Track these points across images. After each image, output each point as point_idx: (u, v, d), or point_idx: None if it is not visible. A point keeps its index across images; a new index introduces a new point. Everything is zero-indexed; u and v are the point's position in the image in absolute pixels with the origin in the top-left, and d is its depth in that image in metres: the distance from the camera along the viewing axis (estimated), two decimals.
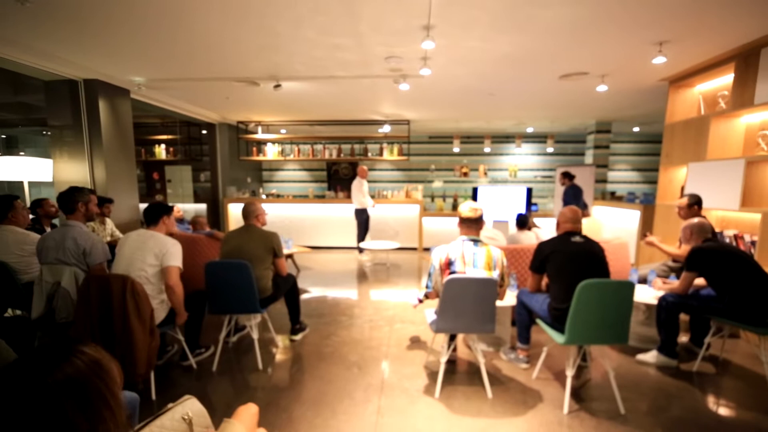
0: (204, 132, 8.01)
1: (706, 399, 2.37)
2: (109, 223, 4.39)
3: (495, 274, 2.28)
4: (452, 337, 2.58)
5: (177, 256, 2.43)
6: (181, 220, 4.94)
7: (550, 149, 8.46)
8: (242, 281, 2.59)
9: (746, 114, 3.62)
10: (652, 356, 2.80)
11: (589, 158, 7.43)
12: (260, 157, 7.96)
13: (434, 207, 7.27)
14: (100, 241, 2.54)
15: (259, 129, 7.90)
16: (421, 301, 2.91)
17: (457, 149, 8.80)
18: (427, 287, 2.50)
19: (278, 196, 7.66)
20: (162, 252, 2.38)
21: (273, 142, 7.96)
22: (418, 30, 3.08)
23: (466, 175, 8.93)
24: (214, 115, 7.25)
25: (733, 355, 2.95)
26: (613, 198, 6.62)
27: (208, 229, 4.72)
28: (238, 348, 3.07)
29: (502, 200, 6.73)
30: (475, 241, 2.36)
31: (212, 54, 3.80)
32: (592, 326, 2.13)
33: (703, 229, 2.71)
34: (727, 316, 2.51)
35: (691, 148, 4.10)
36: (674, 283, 2.83)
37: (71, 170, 4.72)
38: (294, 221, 7.26)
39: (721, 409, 2.28)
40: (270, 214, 3.96)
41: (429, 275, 2.46)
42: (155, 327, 2.28)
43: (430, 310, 2.59)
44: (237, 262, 2.60)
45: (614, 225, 6.29)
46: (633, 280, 3.15)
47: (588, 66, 4.02)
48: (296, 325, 3.21)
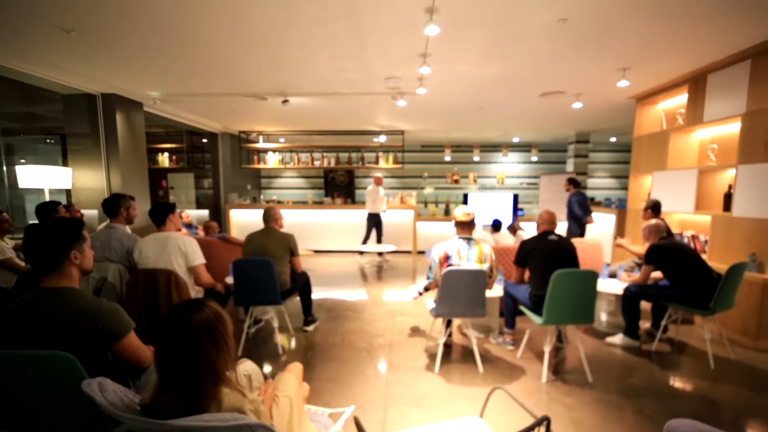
0: (205, 141, 8.34)
1: (660, 370, 2.83)
2: (126, 227, 4.69)
3: (485, 267, 2.71)
4: (448, 323, 3.00)
5: (198, 253, 2.74)
6: (189, 225, 5.27)
7: (535, 158, 9.03)
8: (266, 276, 2.96)
9: (698, 129, 4.17)
10: (618, 339, 3.26)
11: (570, 166, 8.00)
12: (261, 166, 8.31)
13: (427, 212, 7.72)
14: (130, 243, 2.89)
15: (261, 138, 8.25)
16: (420, 294, 3.31)
17: (448, 158, 9.31)
18: (428, 278, 2.92)
19: (279, 203, 8.00)
20: (184, 252, 2.68)
21: (273, 150, 8.32)
22: (416, 57, 3.54)
23: (457, 182, 9.43)
24: (217, 125, 7.59)
25: (687, 338, 3.44)
26: (593, 203, 7.16)
27: (218, 232, 5.08)
28: (256, 338, 3.42)
29: (490, 206, 7.22)
30: (468, 240, 2.79)
31: (226, 73, 4.19)
32: (564, 309, 2.57)
33: (658, 229, 3.20)
34: (678, 301, 2.99)
35: (655, 158, 4.64)
36: (636, 276, 3.31)
37: (89, 178, 5.02)
38: (294, 226, 7.61)
39: (670, 378, 2.74)
40: None
41: (430, 268, 2.88)
42: None
43: (429, 300, 3.01)
44: (261, 259, 2.97)
45: (594, 228, 6.82)
46: (604, 276, 3.65)
47: (564, 86, 4.54)
48: (308, 317, 3.59)
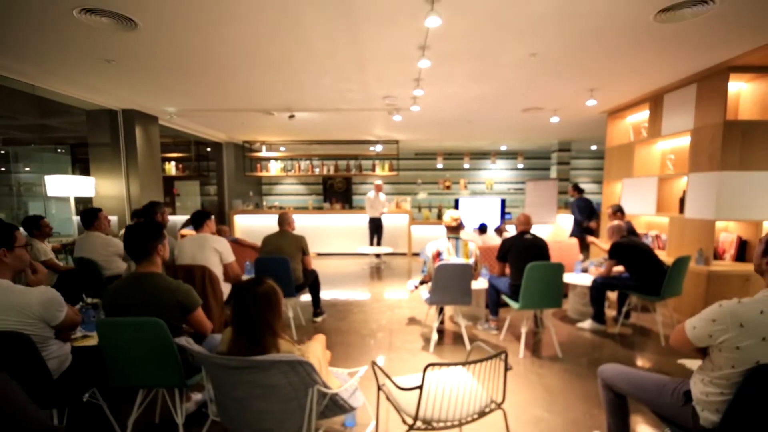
0: (208, 149, 8.77)
1: (620, 348, 3.35)
2: None
3: (471, 261, 3.21)
4: (440, 311, 3.48)
5: (230, 252, 3.21)
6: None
7: (521, 165, 9.63)
8: (283, 272, 3.42)
9: (659, 141, 4.74)
10: (587, 324, 3.77)
11: (553, 173, 8.59)
12: (264, 173, 8.76)
13: (421, 216, 8.23)
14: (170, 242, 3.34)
15: (264, 147, 8.72)
16: (416, 287, 3.79)
17: (440, 165, 9.86)
18: (423, 272, 3.41)
19: (281, 208, 8.45)
20: (219, 251, 3.15)
21: (276, 159, 8.79)
22: (411, 81, 4.06)
23: (448, 187, 9.98)
24: (222, 135, 8.05)
25: (646, 323, 3.97)
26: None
27: (229, 236, 5.51)
28: None
29: (480, 210, 7.75)
30: (457, 239, 3.29)
31: (241, 93, 4.67)
32: (537, 295, 3.07)
33: (620, 230, 3.73)
34: (635, 289, 3.52)
35: (624, 167, 5.20)
36: (602, 269, 3.83)
37: (109, 186, 5.44)
38: (296, 230, 8.05)
39: (629, 353, 3.25)
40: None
41: (424, 263, 3.38)
42: (224, 304, 3.09)
43: (424, 291, 3.49)
44: (279, 257, 3.44)
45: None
46: (578, 270, 4.18)
47: (542, 103, 5.09)
48: (317, 309, 4.05)
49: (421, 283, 3.61)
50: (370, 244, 7.25)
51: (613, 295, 4.19)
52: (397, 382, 1.63)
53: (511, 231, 5.79)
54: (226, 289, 3.25)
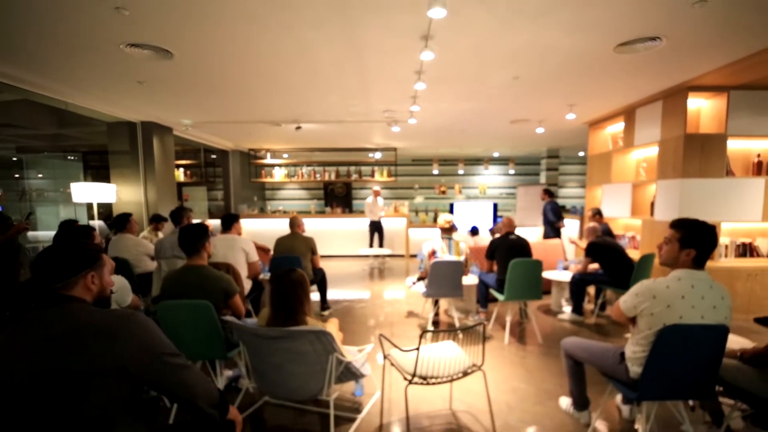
0: (213, 156, 9.19)
1: (594, 334, 3.79)
2: (160, 235, 5.52)
3: (462, 258, 3.65)
4: (435, 303, 3.91)
5: (255, 252, 3.65)
6: (212, 234, 6.10)
7: (512, 171, 10.12)
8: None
9: (633, 151, 5.22)
10: (567, 315, 4.22)
11: (542, 178, 9.07)
12: (268, 179, 9.19)
13: (418, 220, 8.67)
14: None
15: (268, 155, 9.16)
16: (414, 283, 4.22)
17: (436, 171, 10.33)
18: (420, 268, 3.85)
19: (284, 212, 8.87)
20: (246, 251, 3.58)
21: (280, 165, 9.22)
22: (408, 98, 4.52)
23: (444, 192, 10.44)
24: (229, 144, 8.48)
25: None
26: (563, 211, 8.22)
27: None
28: None
29: (474, 213, 8.21)
30: (449, 239, 3.74)
31: (253, 107, 5.11)
32: (519, 288, 3.52)
33: (595, 230, 4.19)
34: (608, 283, 3.97)
35: (603, 174, 5.68)
36: (579, 266, 4.28)
37: (128, 192, 5.85)
38: None
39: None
40: (281, 228, 5.20)
41: (421, 261, 3.82)
42: (245, 296, 3.51)
43: (420, 286, 3.92)
44: (292, 256, 3.87)
45: (564, 231, 7.85)
46: (560, 268, 4.63)
47: (528, 115, 5.57)
48: (324, 304, 4.47)
49: (419, 279, 4.05)
50: (370, 246, 7.68)
51: (592, 291, 4.64)
52: (399, 348, 2.07)
53: None
54: (248, 285, 3.67)
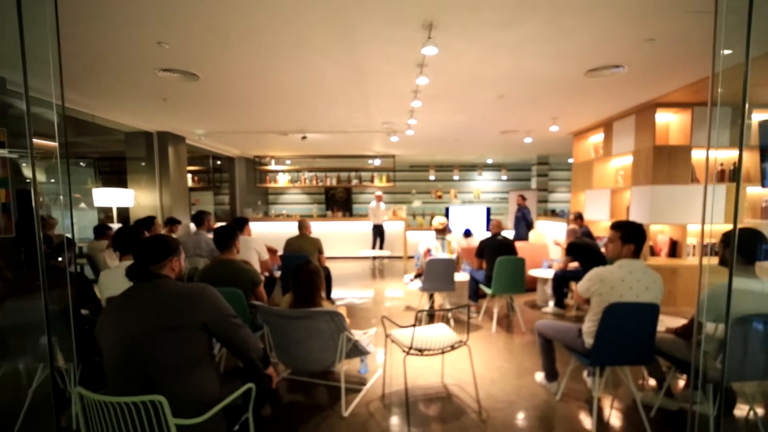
0: (218, 162, 9.62)
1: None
2: (174, 237, 5.93)
3: (454, 257, 4.09)
4: (431, 298, 4.34)
5: (266, 252, 4.07)
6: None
7: (504, 177, 10.60)
8: None
9: (612, 159, 5.70)
10: (550, 308, 4.66)
11: (533, 184, 9.55)
12: (272, 184, 9.62)
13: (416, 223, 9.12)
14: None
15: (272, 161, 9.60)
16: (412, 280, 4.65)
17: (432, 177, 10.81)
18: (416, 266, 4.29)
19: (288, 216, 9.30)
20: (258, 251, 4.01)
21: (283, 171, 9.66)
22: (406, 111, 4.98)
23: (440, 197, 10.90)
24: (236, 151, 8.91)
25: None
26: (553, 214, 8.69)
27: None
28: None
29: (468, 217, 8.66)
30: (443, 239, 4.18)
31: (262, 118, 5.56)
32: (505, 282, 3.95)
33: (574, 232, 4.64)
34: None
35: (586, 180, 6.15)
36: (561, 264, 4.73)
37: (144, 197, 6.26)
38: None
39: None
40: (284, 231, 5.64)
41: (417, 259, 4.25)
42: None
43: (417, 283, 4.35)
44: (301, 255, 4.29)
45: (553, 234, 8.32)
46: (545, 266, 5.07)
47: (516, 127, 6.05)
48: (329, 300, 4.88)
49: (416, 276, 4.47)
50: (373, 248, 8.10)
51: (574, 286, 5.07)
52: (398, 328, 2.50)
53: None
54: None
